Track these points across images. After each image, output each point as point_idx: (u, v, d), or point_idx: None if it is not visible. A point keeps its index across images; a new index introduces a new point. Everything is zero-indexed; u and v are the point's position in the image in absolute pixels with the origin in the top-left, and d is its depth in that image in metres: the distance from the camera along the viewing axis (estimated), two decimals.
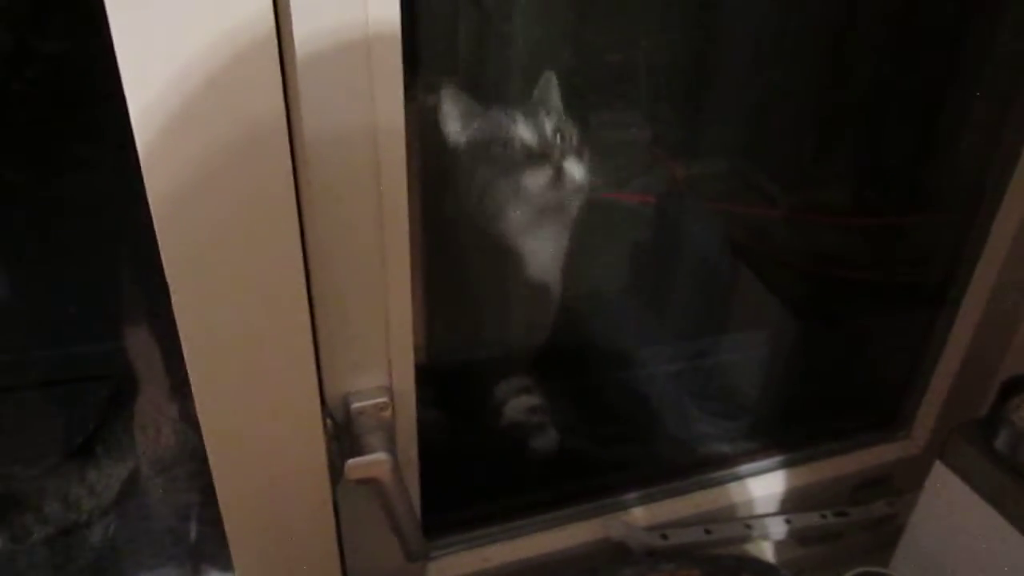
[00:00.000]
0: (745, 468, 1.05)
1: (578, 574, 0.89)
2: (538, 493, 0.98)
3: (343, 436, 0.68)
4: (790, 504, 1.05)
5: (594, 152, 0.90)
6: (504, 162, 0.84)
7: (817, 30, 1.02)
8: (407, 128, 0.57)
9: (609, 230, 1.10)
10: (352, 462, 0.65)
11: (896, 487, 1.09)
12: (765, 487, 1.04)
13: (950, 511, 0.89)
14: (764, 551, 1.03)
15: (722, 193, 1.14)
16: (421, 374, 0.70)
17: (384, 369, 0.67)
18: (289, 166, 0.54)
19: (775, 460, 1.06)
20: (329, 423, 0.66)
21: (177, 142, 0.49)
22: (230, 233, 0.54)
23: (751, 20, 1.00)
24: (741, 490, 1.03)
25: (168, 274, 0.53)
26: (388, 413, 0.68)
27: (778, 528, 1.02)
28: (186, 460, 0.94)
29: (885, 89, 1.07)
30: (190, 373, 0.58)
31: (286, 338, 0.60)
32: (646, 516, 0.98)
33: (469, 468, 0.96)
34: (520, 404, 1.02)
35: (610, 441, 1.07)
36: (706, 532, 0.98)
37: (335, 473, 0.67)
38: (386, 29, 0.53)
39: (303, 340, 0.61)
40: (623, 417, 1.11)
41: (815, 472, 1.07)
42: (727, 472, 1.05)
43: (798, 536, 1.04)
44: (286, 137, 0.52)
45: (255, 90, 0.50)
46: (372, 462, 0.66)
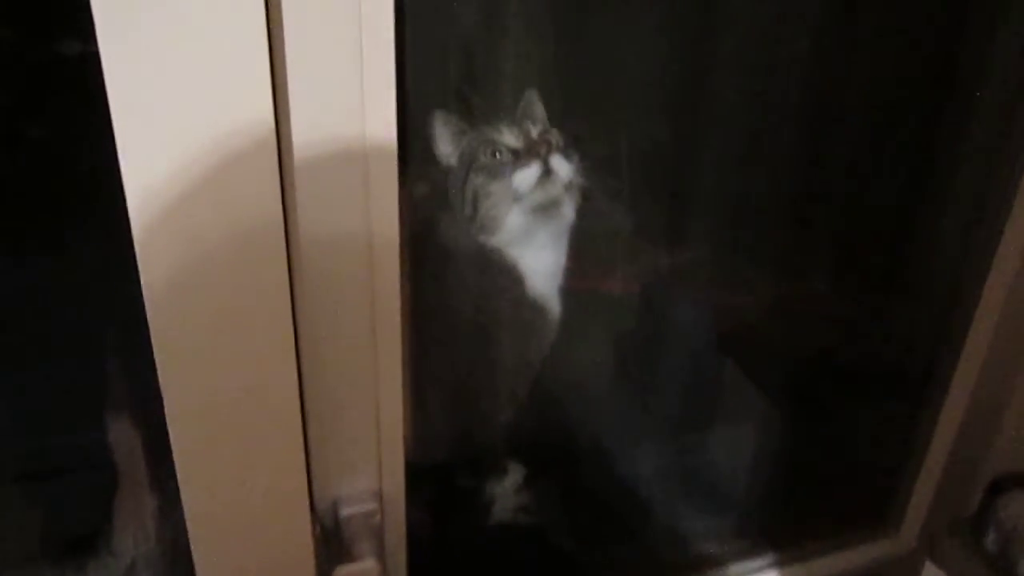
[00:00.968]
0: (735, 568, 1.04)
1: None
2: None
3: (332, 541, 0.67)
4: None
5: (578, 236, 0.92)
6: (492, 167, 0.86)
7: (800, 124, 1.05)
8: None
9: (593, 319, 1.11)
10: (341, 570, 0.64)
11: None
12: None
13: None
14: None
15: (705, 283, 1.16)
16: (409, 475, 0.70)
17: (375, 473, 0.67)
18: (284, 266, 0.54)
19: (765, 560, 1.05)
20: (318, 529, 0.65)
21: (173, 235, 0.50)
22: (223, 331, 0.54)
23: (733, 117, 1.03)
24: None
25: (159, 371, 0.53)
26: (378, 519, 0.67)
27: None
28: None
29: (868, 178, 1.09)
30: (178, 475, 0.57)
31: (277, 441, 0.60)
32: None
33: (456, 571, 0.94)
34: (508, 504, 1.01)
35: (598, 541, 1.05)
36: None
37: None
38: (383, 144, 0.55)
39: (294, 443, 0.60)
40: (612, 516, 1.10)
41: (806, 571, 1.06)
42: (717, 572, 1.03)
43: None
44: (283, 239, 0.53)
45: (253, 189, 0.51)
46: (361, 571, 0.65)
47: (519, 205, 0.85)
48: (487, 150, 0.85)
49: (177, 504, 0.60)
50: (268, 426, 0.59)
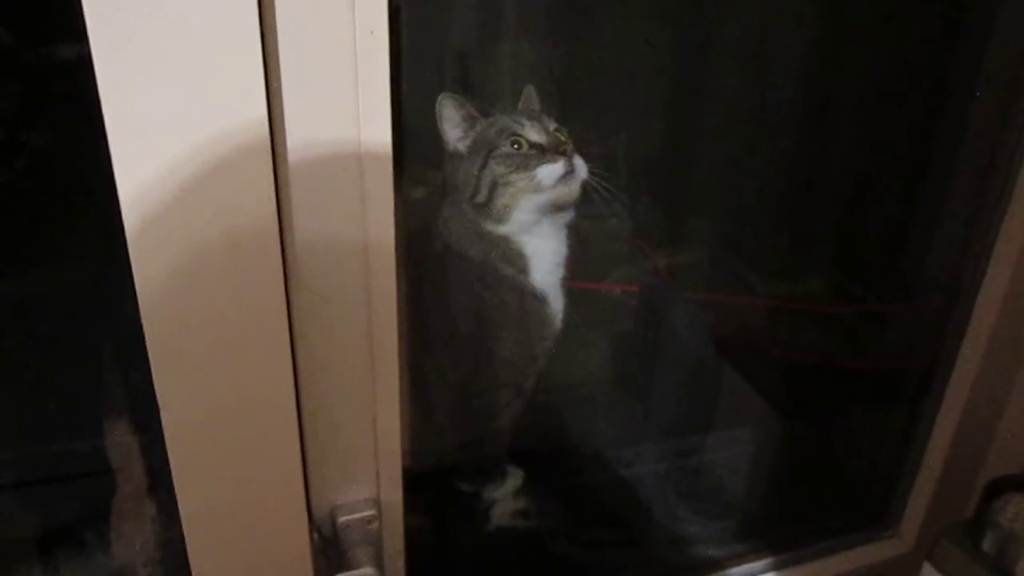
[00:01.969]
0: (734, 571, 1.04)
1: None
2: None
3: (330, 549, 0.67)
4: None
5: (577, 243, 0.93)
6: (515, 158, 0.86)
7: (799, 124, 1.05)
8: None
9: (593, 323, 1.11)
10: None
11: None
12: None
13: None
14: None
15: (704, 285, 1.16)
16: (408, 481, 0.69)
17: (372, 481, 0.67)
18: (280, 272, 0.54)
19: (763, 562, 1.05)
20: (316, 537, 0.65)
21: (167, 241, 0.50)
22: (218, 338, 0.54)
23: (733, 117, 1.03)
24: None
25: (156, 379, 0.53)
26: (376, 526, 0.67)
27: None
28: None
29: (865, 181, 1.09)
30: (175, 483, 0.57)
31: (273, 448, 0.59)
32: None
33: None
34: (506, 509, 1.01)
35: (598, 546, 1.05)
36: None
37: None
38: (379, 148, 0.54)
39: (291, 450, 0.60)
40: (611, 520, 1.10)
41: (804, 573, 1.06)
42: (715, 574, 1.03)
43: None
44: (278, 244, 0.53)
45: (248, 195, 0.51)
46: None
47: (538, 197, 0.86)
48: (508, 141, 0.86)
49: (174, 512, 0.59)
50: (264, 433, 0.58)
